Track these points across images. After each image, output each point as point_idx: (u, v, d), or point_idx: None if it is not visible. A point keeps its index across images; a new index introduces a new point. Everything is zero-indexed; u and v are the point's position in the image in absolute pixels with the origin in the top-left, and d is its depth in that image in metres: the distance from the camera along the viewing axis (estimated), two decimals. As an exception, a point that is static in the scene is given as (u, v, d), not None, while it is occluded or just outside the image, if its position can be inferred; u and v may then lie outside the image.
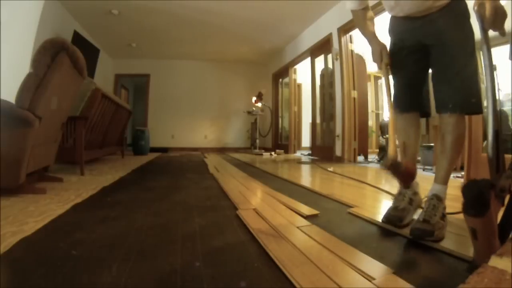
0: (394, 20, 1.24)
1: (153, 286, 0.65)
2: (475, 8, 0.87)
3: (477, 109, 1.08)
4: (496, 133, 0.72)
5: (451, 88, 1.07)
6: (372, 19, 1.29)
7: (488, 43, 0.83)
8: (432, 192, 1.09)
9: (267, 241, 0.90)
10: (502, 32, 0.87)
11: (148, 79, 7.19)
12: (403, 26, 1.18)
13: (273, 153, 5.87)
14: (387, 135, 3.81)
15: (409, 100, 1.22)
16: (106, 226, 1.08)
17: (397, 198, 1.18)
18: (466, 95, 1.07)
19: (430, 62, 1.16)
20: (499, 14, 0.83)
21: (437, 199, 1.05)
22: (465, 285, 0.52)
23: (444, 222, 0.99)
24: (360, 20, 1.27)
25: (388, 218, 1.08)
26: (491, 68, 0.79)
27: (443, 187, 1.09)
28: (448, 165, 1.10)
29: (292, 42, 5.84)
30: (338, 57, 4.16)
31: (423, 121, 4.17)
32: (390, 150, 1.01)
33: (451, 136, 1.08)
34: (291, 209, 1.33)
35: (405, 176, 1.01)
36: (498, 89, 3.13)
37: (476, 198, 0.61)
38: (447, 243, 0.89)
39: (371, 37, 1.23)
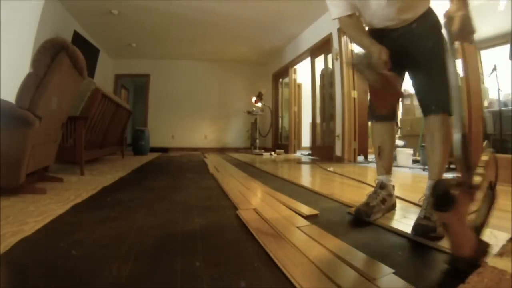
0: (372, 33, 1.27)
1: (153, 286, 0.65)
2: (444, 20, 0.91)
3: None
4: (464, 137, 0.80)
5: (432, 92, 1.16)
6: (364, 28, 1.26)
7: (454, 54, 0.89)
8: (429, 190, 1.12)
9: (267, 241, 0.90)
10: (471, 41, 0.94)
11: (148, 79, 7.19)
12: (381, 38, 1.19)
13: (273, 153, 5.87)
14: None
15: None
16: (106, 226, 1.08)
17: (371, 195, 1.28)
18: (446, 97, 1.12)
19: (409, 71, 1.25)
20: (467, 28, 0.89)
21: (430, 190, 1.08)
22: (465, 285, 0.52)
23: None
24: (351, 27, 1.25)
25: (357, 211, 1.20)
26: (457, 76, 0.87)
27: None
28: (441, 160, 1.16)
29: (292, 42, 5.84)
30: (338, 57, 4.16)
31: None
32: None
33: (440, 133, 1.15)
34: (291, 209, 1.33)
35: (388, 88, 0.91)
36: (498, 89, 3.13)
37: (443, 195, 0.67)
38: (447, 243, 0.88)
39: (370, 42, 1.15)
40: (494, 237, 0.97)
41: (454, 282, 0.62)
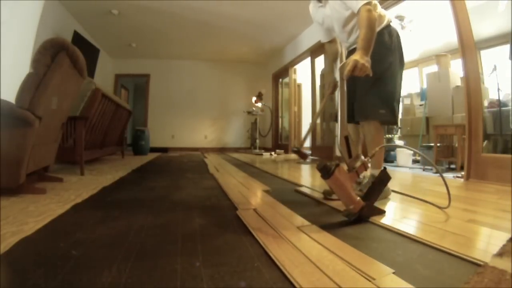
0: (350, 52, 1.70)
1: (153, 286, 0.65)
2: (343, 63, 1.31)
3: (384, 117, 1.53)
4: (346, 138, 1.31)
5: (360, 104, 1.60)
6: (334, 54, 1.79)
7: (343, 85, 1.47)
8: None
9: (267, 241, 0.90)
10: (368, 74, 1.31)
11: (148, 79, 7.19)
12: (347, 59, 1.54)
13: (273, 153, 5.87)
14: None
15: (350, 115, 1.75)
16: (106, 226, 1.08)
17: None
18: (372, 107, 1.52)
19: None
20: (357, 70, 1.22)
21: (373, 177, 1.40)
22: (466, 285, 0.52)
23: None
24: (327, 51, 1.81)
25: (324, 192, 1.58)
26: (344, 95, 1.47)
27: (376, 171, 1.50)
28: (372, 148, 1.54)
29: (292, 42, 5.84)
30: (338, 57, 4.15)
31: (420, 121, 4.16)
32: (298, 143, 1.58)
33: (368, 137, 1.58)
34: (291, 209, 1.32)
35: (301, 154, 1.66)
36: (498, 89, 3.12)
37: (321, 169, 1.11)
38: (447, 243, 0.89)
39: (330, 69, 1.74)
40: (494, 237, 0.97)
41: (454, 282, 0.62)
